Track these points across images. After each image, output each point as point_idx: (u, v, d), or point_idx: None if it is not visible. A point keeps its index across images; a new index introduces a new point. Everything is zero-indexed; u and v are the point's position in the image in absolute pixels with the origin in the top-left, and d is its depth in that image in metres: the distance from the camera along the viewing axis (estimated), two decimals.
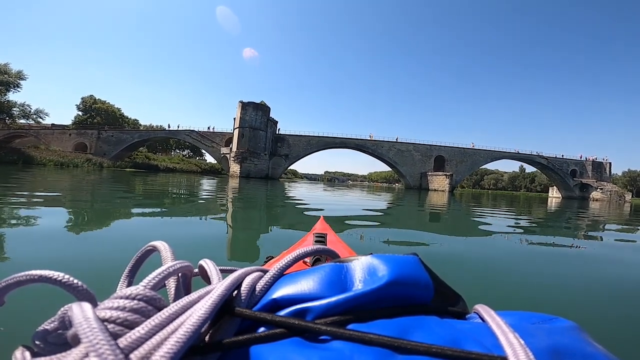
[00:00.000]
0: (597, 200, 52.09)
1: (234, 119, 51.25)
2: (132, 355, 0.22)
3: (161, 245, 0.38)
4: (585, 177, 63.72)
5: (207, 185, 13.94)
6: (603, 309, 1.73)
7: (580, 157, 65.53)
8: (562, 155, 64.81)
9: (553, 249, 3.45)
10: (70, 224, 3.18)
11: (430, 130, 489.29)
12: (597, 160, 65.87)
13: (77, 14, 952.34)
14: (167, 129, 60.11)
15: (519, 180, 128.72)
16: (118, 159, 54.77)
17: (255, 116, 49.66)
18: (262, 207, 6.22)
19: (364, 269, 0.34)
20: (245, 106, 49.43)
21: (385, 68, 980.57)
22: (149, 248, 0.39)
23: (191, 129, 57.53)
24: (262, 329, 0.29)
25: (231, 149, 50.36)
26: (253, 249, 2.71)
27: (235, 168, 47.84)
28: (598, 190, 57.51)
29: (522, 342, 0.25)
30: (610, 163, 65.79)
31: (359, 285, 0.32)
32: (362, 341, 0.26)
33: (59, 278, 0.28)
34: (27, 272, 0.28)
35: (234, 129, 51.44)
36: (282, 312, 0.31)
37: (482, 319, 0.31)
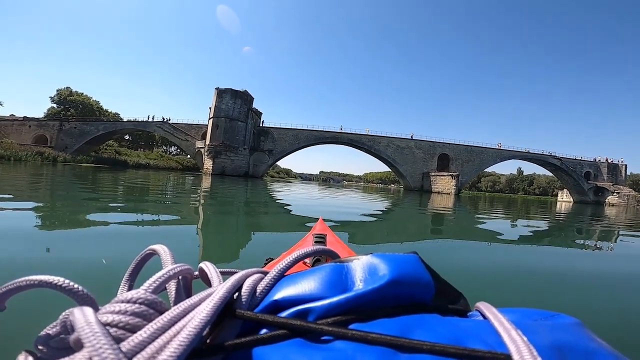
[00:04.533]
0: (613, 205, 44.76)
1: (210, 108, 42.45)
2: (134, 359, 0.22)
3: (161, 248, 0.37)
4: (600, 180, 55.65)
5: (158, 186, 10.49)
6: (606, 305, 1.67)
7: (596, 160, 57.18)
8: (581, 158, 56.66)
9: (556, 248, 3.37)
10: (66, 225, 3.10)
11: (433, 133, 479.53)
12: (613, 162, 57.56)
13: (66, 11, 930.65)
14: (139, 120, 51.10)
15: (517, 183, 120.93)
16: (82, 153, 46.21)
17: (234, 105, 40.96)
18: (260, 210, 5.90)
19: (364, 269, 0.33)
20: (221, 93, 40.78)
21: (387, 69, 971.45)
22: (148, 252, 0.38)
23: (164, 120, 48.63)
24: (264, 331, 0.28)
25: (205, 142, 41.52)
26: (252, 250, 2.63)
27: (208, 164, 39.04)
28: (614, 194, 49.60)
29: (525, 338, 0.24)
30: (625, 165, 57.83)
31: (359, 284, 0.31)
32: (365, 341, 0.25)
33: (59, 283, 0.27)
34: (27, 277, 0.27)
35: (208, 120, 42.60)
36: (284, 314, 0.30)
37: (484, 316, 0.30)
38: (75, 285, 0.27)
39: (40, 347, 0.26)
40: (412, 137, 50.07)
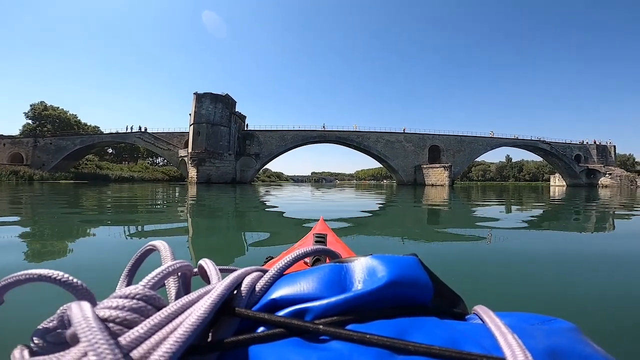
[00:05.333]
0: (606, 186, 44.26)
1: (190, 114, 40.44)
2: (131, 355, 0.21)
3: (161, 244, 0.37)
4: (590, 162, 55.29)
5: (142, 198, 9.25)
6: (603, 310, 1.63)
7: (584, 143, 56.89)
8: (570, 141, 56.25)
9: (555, 248, 3.12)
10: (68, 227, 3.43)
11: (424, 126, 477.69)
12: (602, 143, 57.28)
13: (39, 23, 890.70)
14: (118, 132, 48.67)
15: (507, 170, 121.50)
16: (60, 169, 43.68)
17: (214, 109, 39.03)
18: (262, 210, 6.14)
19: (363, 270, 0.33)
20: (200, 98, 38.84)
21: (375, 65, 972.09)
22: (148, 247, 0.37)
23: (140, 129, 46.34)
24: (261, 329, 0.28)
25: (188, 150, 39.49)
26: (253, 249, 2.65)
27: (192, 173, 37.08)
28: (607, 175, 49.26)
29: (521, 343, 0.24)
30: (614, 146, 57.73)
31: (358, 285, 0.31)
32: (362, 341, 0.25)
33: (58, 277, 0.27)
34: (26, 271, 0.27)
35: (189, 127, 40.60)
36: (282, 312, 0.29)
37: (481, 320, 0.30)
38: (74, 280, 0.27)
39: (36, 341, 0.26)
40: (404, 130, 48.76)
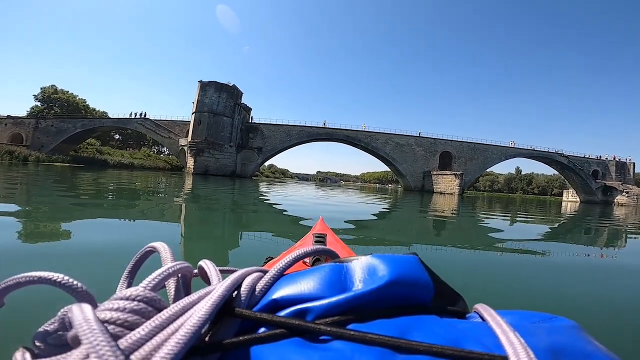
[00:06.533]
0: (622, 205, 41.28)
1: (193, 102, 38.44)
2: (132, 357, 0.21)
3: (161, 246, 0.36)
4: (607, 178, 52.06)
5: (126, 187, 8.88)
6: (603, 308, 1.67)
7: (601, 158, 53.59)
8: (588, 156, 53.03)
9: (555, 250, 3.27)
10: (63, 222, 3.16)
11: (437, 131, 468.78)
12: (621, 160, 53.90)
13: (57, 8, 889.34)
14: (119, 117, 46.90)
15: (515, 182, 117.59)
16: (60, 152, 42.22)
17: (218, 99, 37.06)
18: (261, 209, 6.05)
19: (363, 269, 0.32)
20: (205, 86, 37.00)
21: (389, 67, 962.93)
22: (148, 249, 0.37)
23: (141, 114, 44.49)
24: (262, 330, 0.28)
25: (187, 139, 37.49)
26: (252, 249, 2.60)
27: (190, 162, 35.07)
28: (623, 194, 45.92)
29: (523, 341, 0.24)
30: (634, 163, 54.22)
31: (359, 285, 0.31)
32: (363, 341, 0.25)
33: (58, 279, 0.26)
34: (26, 274, 0.27)
35: (191, 115, 38.63)
36: (282, 313, 0.29)
37: (482, 318, 0.30)
38: (75, 282, 0.27)
39: (37, 344, 0.26)
40: (419, 134, 46.26)
